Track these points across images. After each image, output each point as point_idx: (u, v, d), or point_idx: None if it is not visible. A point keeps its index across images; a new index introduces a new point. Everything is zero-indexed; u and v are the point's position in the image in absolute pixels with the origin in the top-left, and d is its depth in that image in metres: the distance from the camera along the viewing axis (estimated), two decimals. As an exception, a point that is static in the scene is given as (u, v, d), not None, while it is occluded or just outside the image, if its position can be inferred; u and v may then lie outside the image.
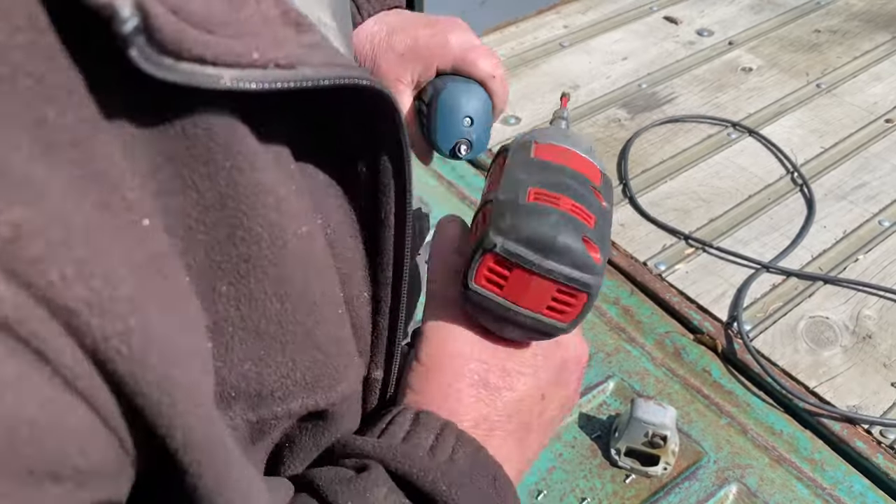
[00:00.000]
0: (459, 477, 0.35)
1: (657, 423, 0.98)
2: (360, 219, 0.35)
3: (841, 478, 1.02)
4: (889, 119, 1.62)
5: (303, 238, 0.30)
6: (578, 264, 0.36)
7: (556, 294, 0.36)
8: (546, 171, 0.39)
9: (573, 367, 0.43)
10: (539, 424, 0.41)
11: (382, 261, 0.36)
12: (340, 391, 0.34)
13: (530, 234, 0.36)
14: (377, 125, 0.32)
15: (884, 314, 1.21)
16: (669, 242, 1.33)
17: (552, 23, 1.93)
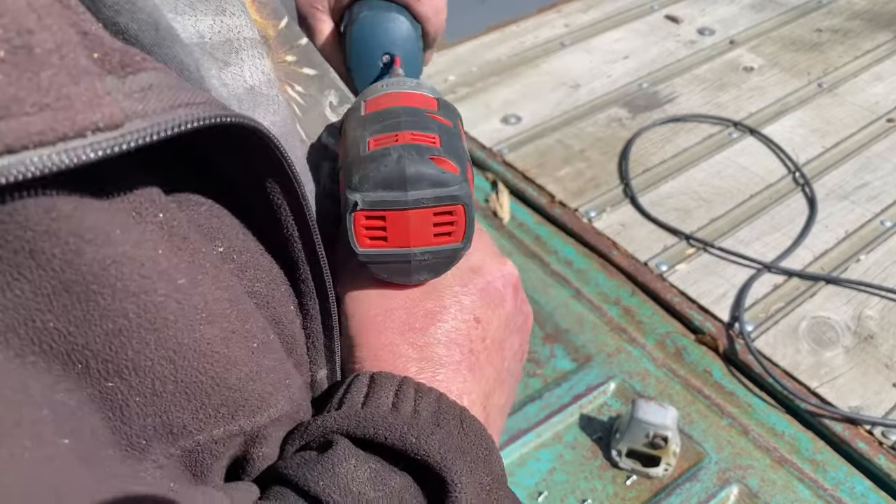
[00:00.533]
0: (427, 427, 0.34)
1: (658, 424, 0.98)
2: (264, 238, 0.34)
3: (843, 479, 1.01)
4: (891, 119, 1.62)
5: (183, 291, 0.29)
6: (437, 182, 0.36)
7: (435, 218, 0.37)
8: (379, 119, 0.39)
9: (501, 287, 0.43)
10: (486, 348, 0.41)
11: (300, 274, 0.36)
12: (268, 415, 0.34)
13: (382, 178, 0.36)
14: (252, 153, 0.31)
15: (886, 314, 1.21)
16: (670, 242, 1.33)
17: (553, 22, 1.92)
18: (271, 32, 0.42)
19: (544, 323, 1.21)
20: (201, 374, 0.30)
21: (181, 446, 0.31)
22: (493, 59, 1.79)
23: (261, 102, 0.37)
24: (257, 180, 0.32)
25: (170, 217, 0.29)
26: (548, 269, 1.29)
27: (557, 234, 1.36)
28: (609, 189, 1.44)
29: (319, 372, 0.39)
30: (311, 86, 0.45)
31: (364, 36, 0.49)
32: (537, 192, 1.43)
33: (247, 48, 0.37)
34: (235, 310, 0.32)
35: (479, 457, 0.36)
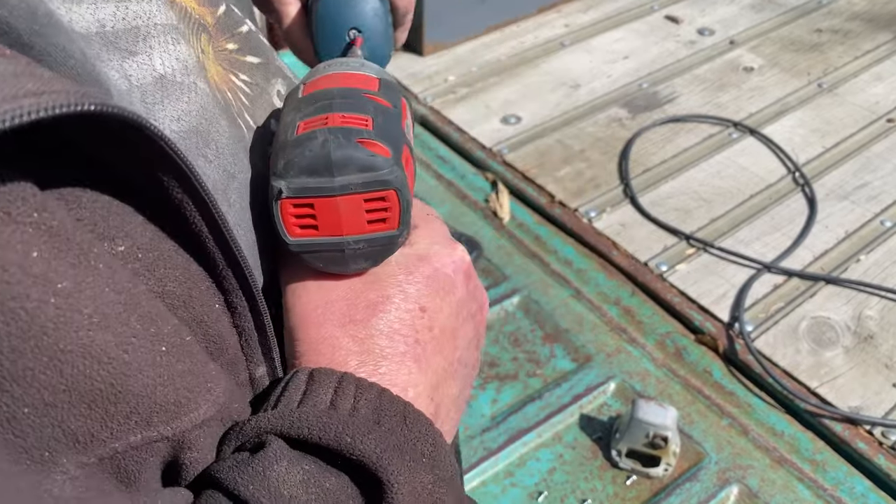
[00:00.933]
0: (364, 425, 0.33)
1: (658, 424, 0.98)
2: (176, 234, 0.33)
3: (842, 479, 1.01)
4: (891, 119, 1.62)
5: (64, 295, 0.27)
6: (366, 166, 0.35)
7: (366, 205, 0.36)
8: (313, 101, 0.38)
9: (451, 273, 0.41)
10: (433, 337, 0.39)
11: (218, 270, 0.34)
12: (190, 419, 0.32)
13: (306, 163, 0.35)
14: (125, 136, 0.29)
15: (885, 315, 1.21)
16: (670, 242, 1.33)
17: (553, 22, 1.92)
18: (210, 20, 0.41)
19: (544, 323, 1.21)
20: (98, 382, 0.28)
21: (96, 455, 0.29)
22: (493, 59, 1.79)
23: (171, 92, 0.35)
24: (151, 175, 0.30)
25: (48, 217, 0.27)
26: (548, 269, 1.29)
27: (557, 234, 1.36)
28: (609, 189, 1.44)
29: (258, 370, 0.38)
30: (256, 74, 0.44)
31: (329, 12, 0.47)
32: (537, 192, 1.43)
33: (157, 35, 0.35)
34: (136, 313, 0.30)
35: (422, 454, 0.35)
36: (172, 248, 0.33)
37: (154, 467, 0.32)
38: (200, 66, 0.38)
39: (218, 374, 0.34)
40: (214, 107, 0.38)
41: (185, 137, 0.35)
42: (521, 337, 1.19)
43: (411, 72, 1.73)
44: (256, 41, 0.45)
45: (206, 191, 0.31)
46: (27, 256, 0.26)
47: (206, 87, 0.37)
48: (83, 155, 0.29)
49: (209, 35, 0.41)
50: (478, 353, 0.45)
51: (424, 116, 1.62)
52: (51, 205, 0.27)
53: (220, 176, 0.36)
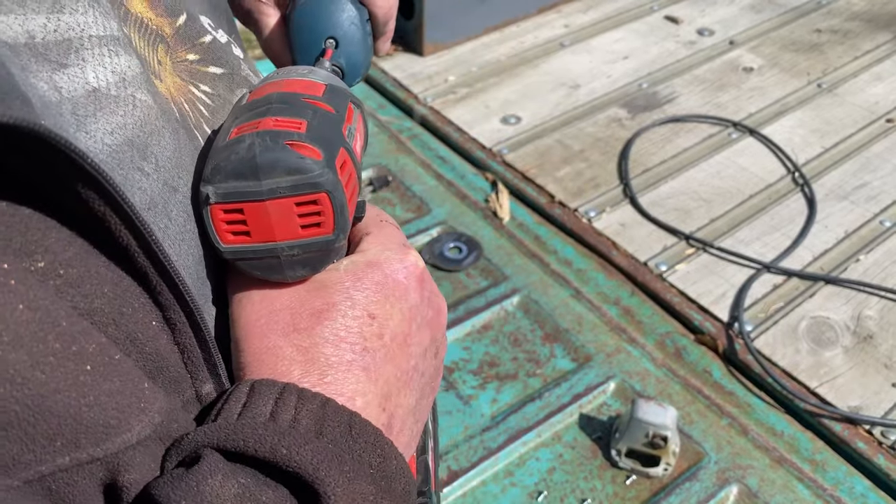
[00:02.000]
0: (304, 436, 0.32)
1: (658, 424, 0.98)
2: (102, 248, 0.31)
3: (842, 478, 1.01)
4: (890, 119, 1.62)
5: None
6: (294, 169, 0.34)
7: (298, 209, 0.35)
8: (251, 108, 0.37)
9: (403, 279, 0.40)
10: (383, 345, 0.38)
11: (152, 285, 0.33)
12: (122, 440, 0.31)
13: (233, 167, 0.34)
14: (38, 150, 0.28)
15: (885, 314, 1.21)
16: (670, 242, 1.33)
17: (553, 22, 1.92)
18: (168, 30, 0.40)
19: (544, 323, 1.21)
20: (12, 403, 0.27)
21: (21, 478, 0.28)
22: (493, 59, 1.79)
23: (105, 105, 0.34)
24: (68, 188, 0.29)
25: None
26: (547, 269, 1.29)
27: (557, 234, 1.36)
28: (609, 189, 1.44)
29: (204, 387, 0.37)
30: (218, 85, 0.43)
31: (306, 21, 0.46)
32: (537, 192, 1.43)
33: (91, 47, 0.34)
34: (54, 332, 0.28)
35: (368, 465, 0.34)
36: (102, 264, 0.31)
37: (89, 490, 0.31)
38: (144, 78, 0.37)
39: (154, 393, 0.33)
40: (158, 119, 0.37)
41: (118, 150, 0.34)
42: (521, 337, 1.19)
43: (411, 72, 1.74)
44: (221, 51, 0.44)
45: (128, 204, 0.30)
46: None
47: (148, 100, 0.36)
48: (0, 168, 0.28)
49: (167, 45, 0.40)
50: (437, 362, 0.44)
51: (424, 116, 1.62)
52: None
53: (159, 189, 0.35)
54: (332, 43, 0.47)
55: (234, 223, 0.35)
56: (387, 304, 0.39)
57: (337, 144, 0.36)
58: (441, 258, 1.30)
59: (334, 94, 0.39)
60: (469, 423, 1.08)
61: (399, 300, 0.39)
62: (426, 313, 0.42)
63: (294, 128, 0.35)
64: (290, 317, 0.37)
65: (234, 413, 0.34)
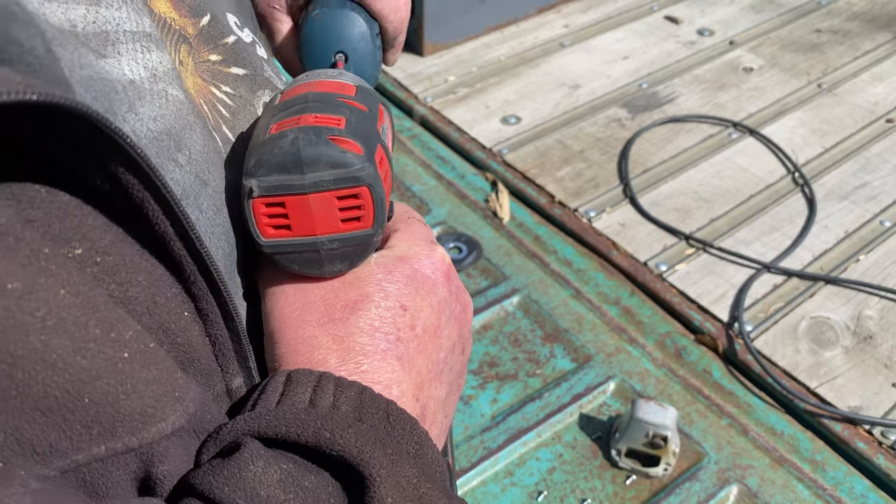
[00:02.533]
0: (344, 421, 0.32)
1: (658, 424, 0.98)
2: (138, 235, 0.31)
3: (842, 478, 1.01)
4: (890, 119, 1.62)
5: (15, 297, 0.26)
6: (337, 163, 0.34)
7: (339, 203, 0.35)
8: (288, 107, 0.37)
9: (431, 273, 0.40)
10: (416, 336, 0.38)
11: (186, 275, 0.33)
12: (157, 430, 0.31)
13: (276, 161, 0.34)
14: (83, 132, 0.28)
15: (885, 315, 1.21)
16: (670, 242, 1.33)
17: (553, 22, 1.92)
18: (191, 31, 0.40)
19: (544, 323, 1.21)
20: (52, 388, 0.27)
21: (57, 467, 0.28)
22: (493, 59, 1.79)
23: (142, 96, 0.34)
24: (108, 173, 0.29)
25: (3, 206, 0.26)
26: (547, 269, 1.29)
27: (557, 234, 1.36)
28: (609, 189, 1.44)
29: (234, 380, 0.37)
30: (240, 86, 0.43)
31: (317, 34, 0.47)
32: (537, 192, 1.43)
33: (126, 42, 0.34)
34: (94, 318, 0.28)
35: (405, 451, 0.34)
36: (136, 252, 0.31)
37: (123, 481, 0.31)
38: (175, 75, 0.37)
39: (187, 383, 0.33)
40: (189, 114, 0.37)
41: (157, 139, 0.34)
42: (521, 337, 1.19)
43: (411, 72, 1.74)
44: (244, 52, 0.44)
45: (168, 190, 0.30)
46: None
47: (179, 95, 0.37)
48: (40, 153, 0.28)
49: (190, 46, 0.40)
50: (464, 358, 0.44)
51: (424, 116, 1.62)
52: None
53: (191, 182, 0.35)
54: (342, 57, 0.47)
55: (276, 217, 0.35)
56: (417, 297, 0.39)
57: (374, 141, 0.37)
58: (441, 258, 1.30)
59: (365, 95, 0.40)
60: (469, 423, 1.08)
61: (428, 294, 0.40)
62: (454, 307, 0.42)
63: (334, 124, 0.35)
64: (324, 308, 0.37)
65: (272, 401, 0.34)
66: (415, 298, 0.39)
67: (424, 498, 0.33)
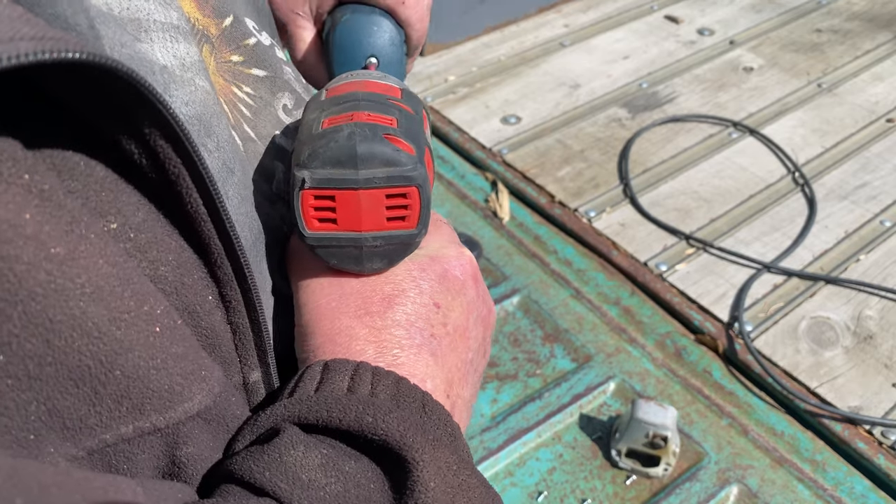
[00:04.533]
0: (384, 407, 0.32)
1: (658, 424, 0.98)
2: (168, 214, 0.31)
3: (842, 478, 1.01)
4: (890, 119, 1.62)
5: (58, 262, 0.26)
6: (391, 161, 0.34)
7: (388, 201, 0.35)
8: (338, 102, 0.38)
9: (460, 275, 0.41)
10: (447, 333, 0.39)
11: (213, 257, 0.33)
12: (184, 409, 0.31)
13: (331, 155, 0.34)
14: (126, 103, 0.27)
15: (885, 314, 1.21)
16: (670, 242, 1.33)
17: (553, 22, 1.92)
18: (214, 31, 0.41)
19: (544, 323, 1.21)
20: (87, 357, 0.27)
21: (86, 447, 0.28)
22: (493, 59, 1.79)
23: (174, 81, 0.34)
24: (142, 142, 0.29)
25: (39, 180, 0.26)
26: (547, 269, 1.29)
27: (557, 234, 1.36)
28: (609, 189, 1.44)
29: (252, 374, 0.37)
30: (261, 87, 0.43)
31: (348, 39, 0.47)
32: (537, 192, 1.43)
33: (156, 30, 0.35)
34: (129, 289, 0.28)
35: (442, 438, 0.34)
36: (166, 232, 0.32)
37: (148, 466, 0.31)
38: (201, 67, 0.37)
39: (212, 364, 0.33)
40: (216, 104, 0.37)
41: (189, 121, 0.34)
42: (521, 337, 1.19)
43: (411, 72, 1.73)
44: (264, 54, 0.44)
45: (204, 166, 0.30)
46: (19, 216, 0.24)
47: (206, 85, 0.37)
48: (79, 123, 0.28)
49: (212, 46, 0.41)
50: (485, 362, 0.45)
51: (424, 116, 1.62)
52: (41, 168, 0.26)
53: (218, 168, 0.35)
54: (374, 62, 0.47)
55: (323, 210, 0.35)
56: (448, 296, 0.40)
57: (423, 142, 0.37)
58: (441, 258, 1.30)
59: (410, 98, 0.40)
60: (469, 423, 1.07)
61: (458, 294, 0.40)
62: (480, 309, 0.42)
63: (388, 123, 0.36)
64: (361, 300, 0.38)
65: (310, 388, 0.34)
66: (447, 297, 0.39)
67: (464, 485, 0.34)
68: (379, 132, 0.35)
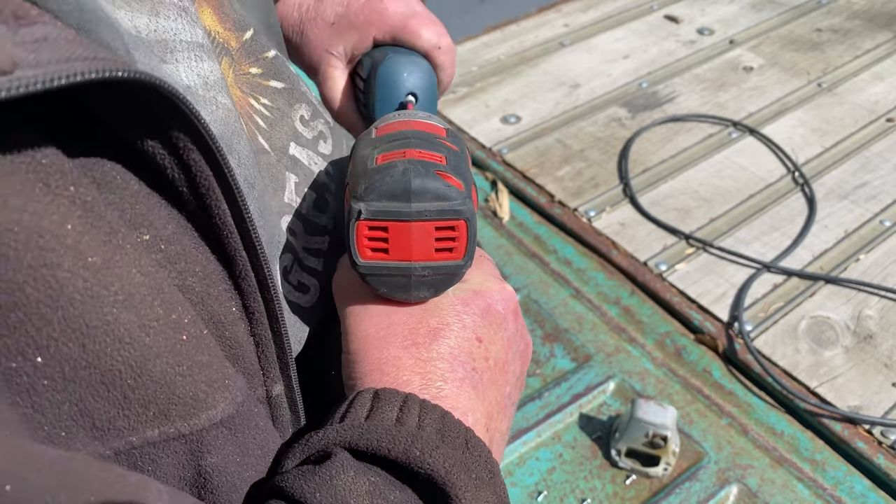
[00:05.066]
0: (431, 441, 0.33)
1: (658, 424, 0.98)
2: (196, 226, 0.33)
3: (842, 478, 1.01)
4: (890, 118, 1.62)
5: (94, 270, 0.27)
6: (442, 195, 0.37)
7: (437, 233, 0.38)
8: (388, 140, 0.40)
9: (502, 309, 0.42)
10: (489, 367, 0.40)
11: (238, 269, 0.34)
12: (208, 417, 0.32)
13: (387, 188, 0.37)
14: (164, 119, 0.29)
15: (885, 314, 1.21)
16: (670, 242, 1.33)
17: (553, 21, 1.92)
18: (234, 44, 0.42)
19: (544, 322, 1.21)
20: (118, 362, 0.28)
21: (113, 447, 0.29)
22: (493, 59, 1.79)
23: (197, 101, 0.36)
24: (176, 156, 0.31)
25: (83, 192, 0.28)
26: (547, 269, 1.29)
27: (557, 233, 1.36)
28: (608, 189, 1.44)
29: (275, 387, 0.38)
30: (278, 98, 0.45)
31: (391, 76, 0.49)
32: (537, 191, 1.43)
33: (182, 50, 0.37)
34: (159, 298, 0.30)
35: (483, 477, 0.35)
36: (193, 244, 0.33)
37: (172, 472, 0.32)
38: (223, 84, 0.39)
39: (235, 374, 0.34)
40: (237, 121, 0.39)
41: None
42: (521, 336, 1.19)
43: (411, 71, 1.73)
44: (283, 66, 0.46)
45: (234, 178, 0.32)
46: (62, 227, 0.26)
47: (228, 103, 0.38)
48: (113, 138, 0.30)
49: (231, 59, 0.42)
50: (520, 395, 0.45)
51: (424, 116, 1.62)
52: (85, 181, 0.28)
53: (241, 183, 0.36)
54: (413, 99, 0.50)
55: (376, 240, 0.38)
56: (490, 330, 0.41)
57: (469, 180, 0.40)
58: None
59: (454, 137, 0.43)
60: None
61: (500, 328, 0.41)
62: (519, 344, 0.44)
63: (438, 160, 0.38)
64: (408, 331, 0.39)
65: (361, 416, 0.35)
66: (489, 331, 0.41)
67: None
68: (431, 168, 0.37)
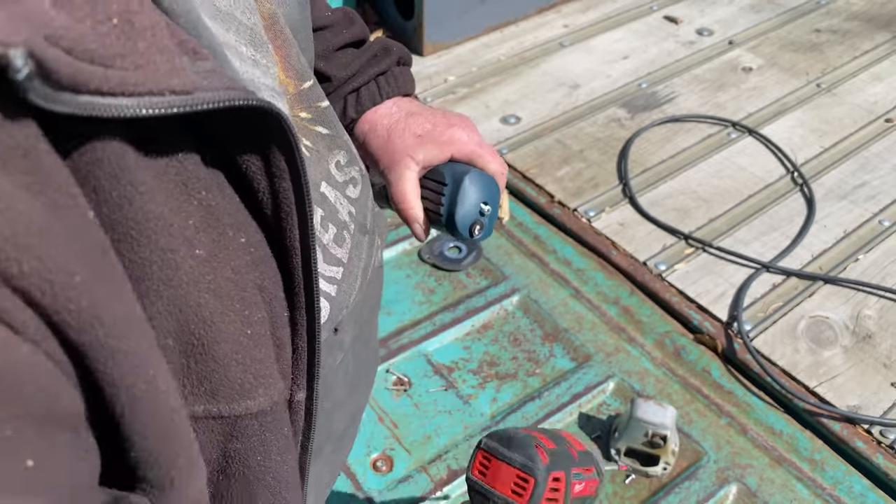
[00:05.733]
0: None
1: (657, 423, 0.98)
2: (270, 240, 0.38)
3: (841, 478, 1.02)
4: (889, 119, 1.62)
5: (199, 260, 0.33)
6: (528, 456, 0.53)
7: (516, 479, 0.53)
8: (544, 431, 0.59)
9: None
10: None
11: (293, 285, 0.39)
12: (246, 406, 0.36)
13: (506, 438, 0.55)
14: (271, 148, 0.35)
15: (884, 314, 1.21)
16: (669, 242, 1.33)
17: (552, 22, 1.93)
18: (291, 89, 0.47)
19: (543, 322, 1.21)
20: (194, 338, 0.33)
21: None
22: (492, 59, 1.79)
23: None
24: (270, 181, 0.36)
25: (210, 197, 0.34)
26: (547, 269, 1.29)
27: (556, 233, 1.36)
28: (608, 189, 1.44)
29: (298, 393, 0.42)
30: (319, 142, 0.49)
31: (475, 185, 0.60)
32: (536, 191, 1.44)
33: (265, 90, 0.43)
34: (241, 295, 0.35)
35: None
36: (269, 255, 0.38)
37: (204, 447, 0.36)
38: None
39: (278, 375, 0.38)
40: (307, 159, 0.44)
41: None
42: (521, 336, 1.19)
43: (411, 72, 1.74)
44: (331, 116, 0.51)
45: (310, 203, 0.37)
46: (186, 221, 0.32)
47: None
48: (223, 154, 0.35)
49: (287, 102, 0.47)
50: None
51: (424, 116, 1.62)
52: (213, 188, 0.34)
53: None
54: (487, 208, 0.61)
55: (483, 466, 0.55)
56: None
57: (561, 468, 0.55)
58: (441, 258, 1.30)
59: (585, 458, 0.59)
60: (469, 422, 1.08)
61: None
62: None
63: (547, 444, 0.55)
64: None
65: None
66: None
67: None
68: (535, 442, 0.54)
